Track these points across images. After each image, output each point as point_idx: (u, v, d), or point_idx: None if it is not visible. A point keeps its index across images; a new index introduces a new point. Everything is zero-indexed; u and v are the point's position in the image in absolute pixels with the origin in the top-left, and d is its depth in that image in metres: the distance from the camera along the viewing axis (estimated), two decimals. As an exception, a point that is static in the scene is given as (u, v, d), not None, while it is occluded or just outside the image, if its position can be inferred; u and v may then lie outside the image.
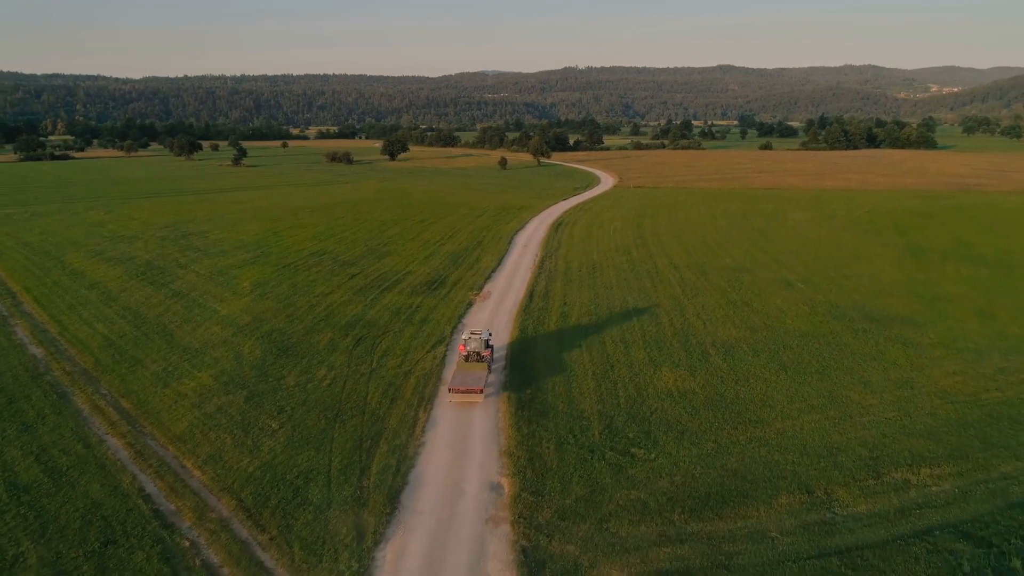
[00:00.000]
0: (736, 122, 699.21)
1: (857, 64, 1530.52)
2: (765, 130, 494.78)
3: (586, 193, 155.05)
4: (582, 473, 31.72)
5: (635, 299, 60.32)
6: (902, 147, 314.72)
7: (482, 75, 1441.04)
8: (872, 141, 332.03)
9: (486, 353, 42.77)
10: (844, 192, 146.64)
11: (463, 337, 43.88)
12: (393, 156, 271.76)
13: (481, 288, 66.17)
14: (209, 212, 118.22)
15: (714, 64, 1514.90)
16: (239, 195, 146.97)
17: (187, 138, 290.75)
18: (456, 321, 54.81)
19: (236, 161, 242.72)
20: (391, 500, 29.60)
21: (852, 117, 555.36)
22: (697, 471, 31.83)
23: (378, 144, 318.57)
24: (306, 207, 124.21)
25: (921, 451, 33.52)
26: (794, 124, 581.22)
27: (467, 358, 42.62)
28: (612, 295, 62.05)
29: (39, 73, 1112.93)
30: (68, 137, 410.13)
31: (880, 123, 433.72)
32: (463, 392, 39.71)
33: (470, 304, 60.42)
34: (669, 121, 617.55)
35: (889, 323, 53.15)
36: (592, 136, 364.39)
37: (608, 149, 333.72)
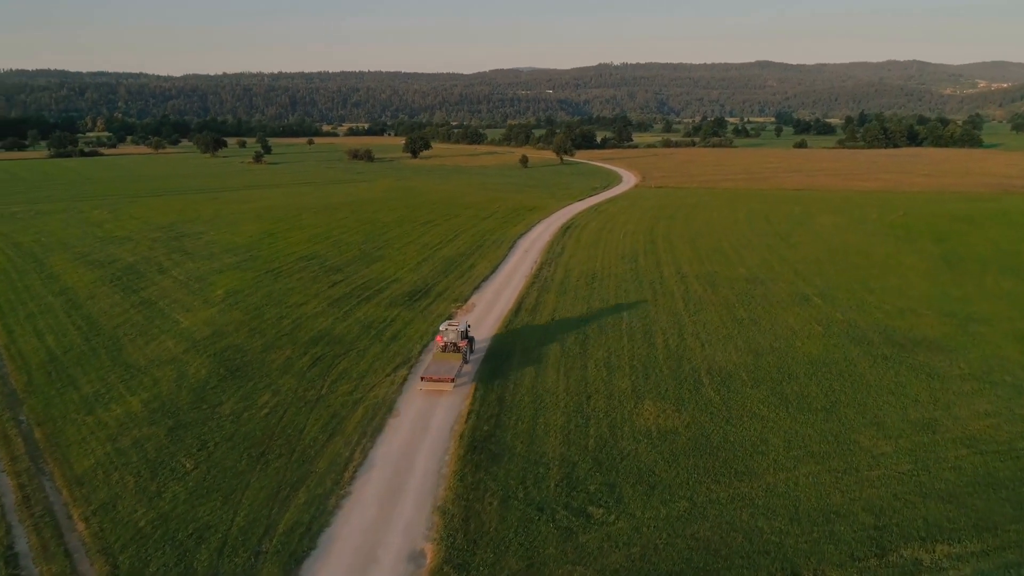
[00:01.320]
0: (773, 119, 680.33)
1: (901, 59, 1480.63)
2: (802, 127, 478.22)
3: (604, 193, 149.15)
4: (523, 539, 26.75)
5: (630, 315, 54.88)
6: (945, 145, 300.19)
7: (516, 72, 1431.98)
8: (913, 139, 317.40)
9: (462, 344, 43.54)
10: (879, 194, 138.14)
11: (441, 328, 44.57)
12: (415, 154, 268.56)
13: (467, 299, 61.42)
14: (214, 212, 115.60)
15: (752, 60, 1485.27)
16: (249, 194, 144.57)
17: (212, 135, 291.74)
18: (430, 339, 50.11)
19: (257, 158, 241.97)
20: (288, 571, 25.04)
21: (894, 114, 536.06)
22: (661, 541, 26.62)
23: (403, 141, 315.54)
24: (312, 207, 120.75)
25: (938, 519, 27.80)
26: (832, 121, 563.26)
27: (444, 348, 43.42)
28: (607, 310, 56.73)
29: (84, 71, 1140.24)
30: (105, 134, 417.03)
31: (923, 120, 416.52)
32: (435, 381, 40.56)
33: (450, 318, 55.66)
34: (704, 118, 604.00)
35: (914, 348, 46.92)
36: (621, 133, 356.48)
37: (637, 147, 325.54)
